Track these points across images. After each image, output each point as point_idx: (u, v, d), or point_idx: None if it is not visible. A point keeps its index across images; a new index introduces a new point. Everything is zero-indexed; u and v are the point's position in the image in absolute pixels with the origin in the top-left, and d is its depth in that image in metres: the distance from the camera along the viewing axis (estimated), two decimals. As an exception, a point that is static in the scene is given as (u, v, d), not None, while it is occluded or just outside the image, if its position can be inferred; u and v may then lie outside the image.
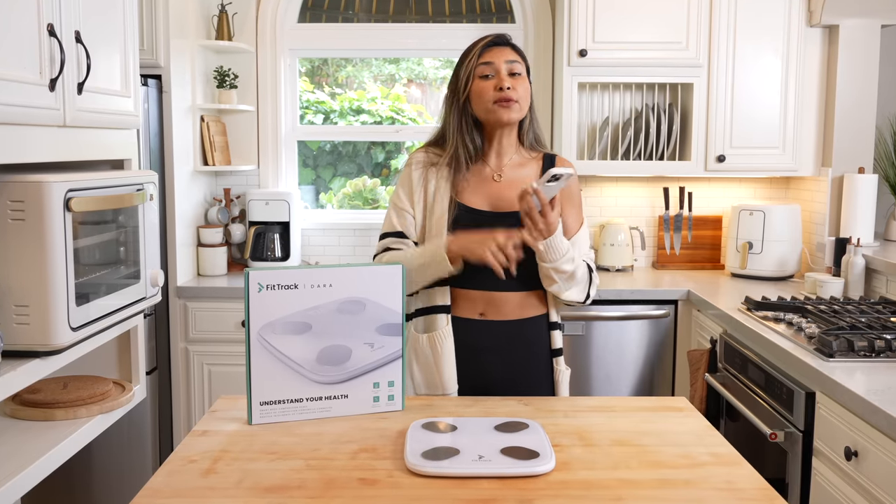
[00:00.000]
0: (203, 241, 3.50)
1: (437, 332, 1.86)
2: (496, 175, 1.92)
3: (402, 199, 1.92)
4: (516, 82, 1.85)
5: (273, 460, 1.41)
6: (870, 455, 1.81)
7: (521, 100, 1.85)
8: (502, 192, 1.89)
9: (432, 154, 1.94)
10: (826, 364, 2.10)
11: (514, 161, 1.94)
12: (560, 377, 1.94)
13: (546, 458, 1.37)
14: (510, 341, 1.89)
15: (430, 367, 1.86)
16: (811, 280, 3.10)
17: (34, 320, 1.68)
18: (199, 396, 3.31)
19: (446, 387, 1.86)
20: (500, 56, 1.86)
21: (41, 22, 1.67)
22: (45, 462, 1.72)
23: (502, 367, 1.89)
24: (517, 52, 1.90)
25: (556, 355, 1.94)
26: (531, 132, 1.95)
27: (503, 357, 1.89)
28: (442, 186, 1.89)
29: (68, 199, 1.71)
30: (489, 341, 1.88)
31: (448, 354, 1.86)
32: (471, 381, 1.88)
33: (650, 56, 3.37)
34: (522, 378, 1.90)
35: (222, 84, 3.58)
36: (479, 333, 1.88)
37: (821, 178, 3.47)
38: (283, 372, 1.58)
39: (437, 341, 1.86)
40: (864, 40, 3.33)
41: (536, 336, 1.92)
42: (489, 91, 1.84)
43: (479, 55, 1.87)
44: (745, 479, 1.35)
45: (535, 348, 1.92)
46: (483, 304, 1.88)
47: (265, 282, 1.55)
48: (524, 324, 1.90)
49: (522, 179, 1.90)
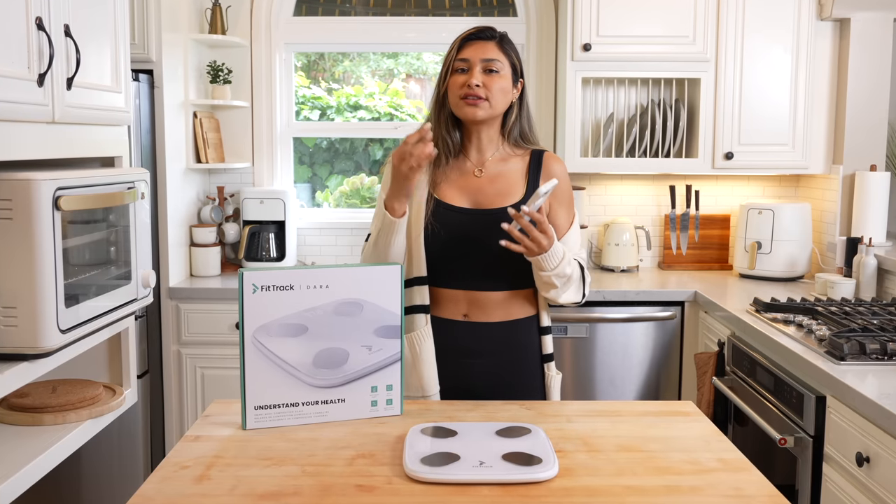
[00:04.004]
0: (196, 240, 3.50)
1: (415, 333, 1.85)
2: (477, 170, 1.91)
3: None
4: (490, 80, 1.84)
5: (268, 466, 1.40)
6: (882, 461, 1.81)
7: (491, 98, 1.84)
8: (483, 188, 1.89)
9: None
10: (837, 367, 2.10)
11: (496, 156, 1.93)
12: (551, 383, 1.93)
13: (549, 464, 1.37)
14: (497, 345, 1.88)
15: (409, 368, 1.86)
16: (822, 281, 3.10)
17: (22, 322, 1.67)
18: (192, 400, 3.31)
19: (426, 389, 1.85)
20: (477, 52, 1.85)
21: (29, 15, 1.67)
22: (32, 468, 1.72)
23: (489, 371, 1.88)
24: (501, 48, 1.88)
25: (546, 361, 1.93)
26: (516, 128, 1.94)
27: (489, 361, 1.88)
28: (421, 182, 1.89)
29: (57, 198, 1.71)
30: (474, 344, 1.87)
31: (427, 356, 1.85)
32: (455, 385, 1.87)
33: (656, 50, 3.37)
34: (510, 383, 1.89)
35: (216, 79, 3.58)
36: (463, 335, 1.88)
37: (832, 175, 3.47)
38: (278, 375, 1.58)
39: (415, 342, 1.85)
40: (877, 34, 3.33)
41: (526, 340, 1.91)
42: (459, 86, 1.85)
43: (457, 48, 1.87)
44: (753, 486, 1.34)
45: (524, 353, 1.91)
46: (466, 305, 1.88)
47: (260, 282, 1.55)
48: (511, 326, 1.89)
49: (505, 175, 1.90)
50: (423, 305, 1.86)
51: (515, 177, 1.91)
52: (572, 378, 3.23)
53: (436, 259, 1.86)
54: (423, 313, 1.86)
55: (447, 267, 1.84)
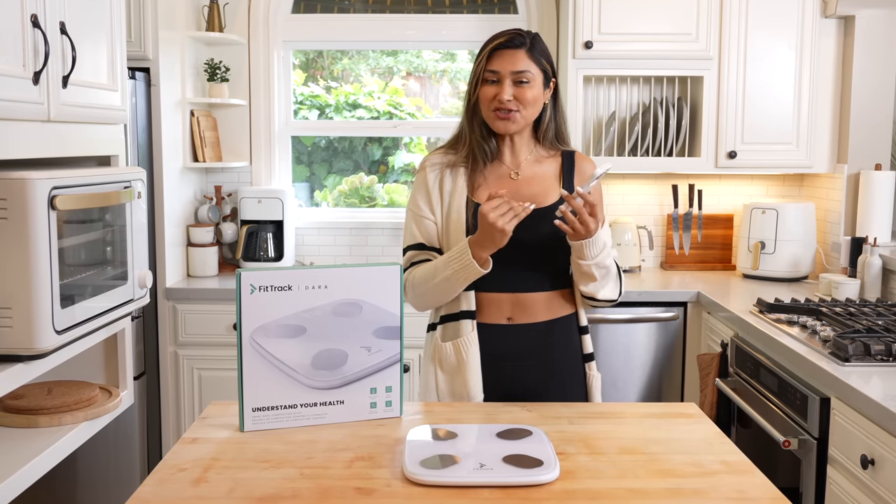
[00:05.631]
0: (193, 240, 3.50)
1: (461, 339, 1.87)
2: (513, 173, 1.95)
3: (420, 205, 1.94)
4: (522, 91, 1.85)
5: (266, 469, 1.40)
6: (887, 463, 1.81)
7: (522, 110, 1.87)
8: (520, 190, 1.92)
9: (450, 155, 1.96)
10: (841, 369, 2.10)
11: (531, 158, 1.96)
12: (593, 382, 1.96)
13: (550, 466, 1.37)
14: (540, 344, 1.90)
15: (455, 375, 1.87)
16: (826, 281, 3.10)
17: (17, 323, 1.67)
18: (189, 402, 3.31)
19: (472, 396, 1.87)
20: (507, 64, 1.86)
21: (24, 12, 1.67)
22: (27, 471, 1.72)
23: (533, 373, 1.90)
24: (531, 56, 1.87)
25: (587, 360, 1.96)
26: (550, 130, 1.97)
27: (533, 363, 1.90)
28: (459, 187, 1.92)
29: (53, 197, 1.71)
30: (518, 346, 1.89)
31: (473, 362, 1.87)
32: (498, 390, 1.89)
33: (658, 48, 3.37)
34: (555, 384, 1.91)
35: (213, 77, 3.58)
36: (507, 339, 1.89)
37: (836, 175, 3.47)
38: (276, 377, 1.58)
39: (461, 349, 1.87)
40: (882, 32, 3.33)
41: (567, 338, 1.94)
42: (491, 99, 1.87)
43: (487, 58, 1.88)
44: (757, 489, 1.35)
45: (565, 352, 1.93)
46: (510, 308, 1.90)
47: (258, 283, 1.55)
48: (553, 325, 1.91)
49: (540, 177, 1.94)
50: (469, 311, 1.88)
51: (550, 178, 1.95)
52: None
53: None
54: (469, 319, 1.88)
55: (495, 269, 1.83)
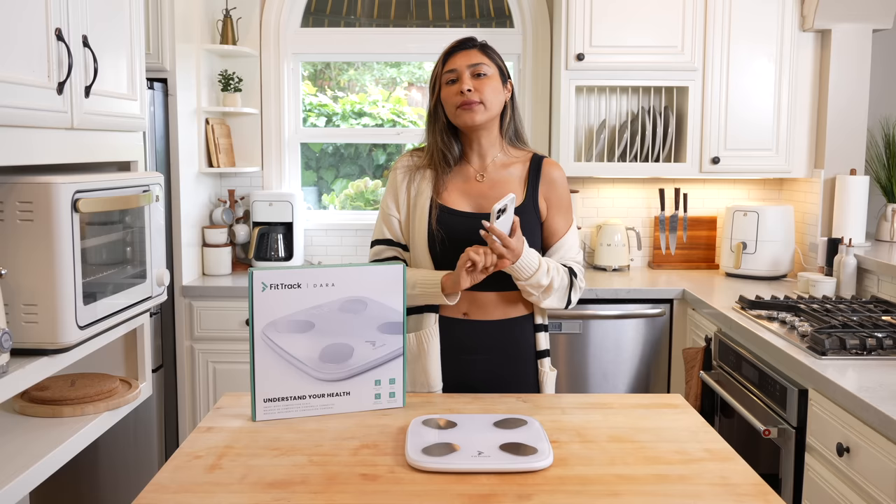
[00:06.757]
0: (208, 241, 3.50)
1: (424, 331, 1.86)
2: (479, 175, 1.91)
3: (389, 204, 1.93)
4: (481, 83, 1.83)
5: (276, 456, 1.41)
6: (861, 451, 1.81)
7: (485, 100, 1.83)
8: (485, 192, 1.88)
9: (416, 158, 1.95)
10: (818, 362, 2.10)
11: (498, 161, 1.92)
12: (545, 379, 1.92)
13: (544, 454, 1.37)
14: (494, 341, 1.88)
15: (416, 364, 1.86)
16: (804, 279, 3.10)
17: (42, 319, 1.68)
18: (204, 393, 3.31)
19: (431, 385, 1.85)
20: (462, 60, 1.84)
21: (49, 26, 1.67)
22: (52, 458, 1.72)
23: (486, 367, 1.88)
24: (485, 53, 1.87)
25: (541, 357, 1.93)
26: (511, 128, 1.93)
27: (487, 357, 1.88)
28: (424, 189, 1.89)
29: (76, 200, 1.71)
30: (473, 341, 1.88)
31: (434, 353, 1.85)
32: (455, 380, 1.88)
33: (646, 60, 3.37)
34: (507, 378, 1.89)
35: (227, 87, 3.58)
36: (463, 333, 1.88)
37: (813, 179, 3.47)
38: (286, 369, 1.58)
39: (423, 340, 1.86)
40: (856, 44, 3.33)
41: (521, 337, 1.91)
42: (453, 96, 1.84)
43: (443, 62, 1.87)
44: (739, 475, 1.35)
45: (519, 349, 1.90)
46: (466, 304, 1.87)
47: (269, 281, 1.55)
48: (508, 324, 1.89)
49: (506, 180, 1.90)
50: (433, 305, 1.86)
51: (515, 182, 1.90)
52: (567, 372, 3.23)
53: (439, 261, 1.86)
54: (433, 312, 1.87)
55: (449, 268, 1.84)
